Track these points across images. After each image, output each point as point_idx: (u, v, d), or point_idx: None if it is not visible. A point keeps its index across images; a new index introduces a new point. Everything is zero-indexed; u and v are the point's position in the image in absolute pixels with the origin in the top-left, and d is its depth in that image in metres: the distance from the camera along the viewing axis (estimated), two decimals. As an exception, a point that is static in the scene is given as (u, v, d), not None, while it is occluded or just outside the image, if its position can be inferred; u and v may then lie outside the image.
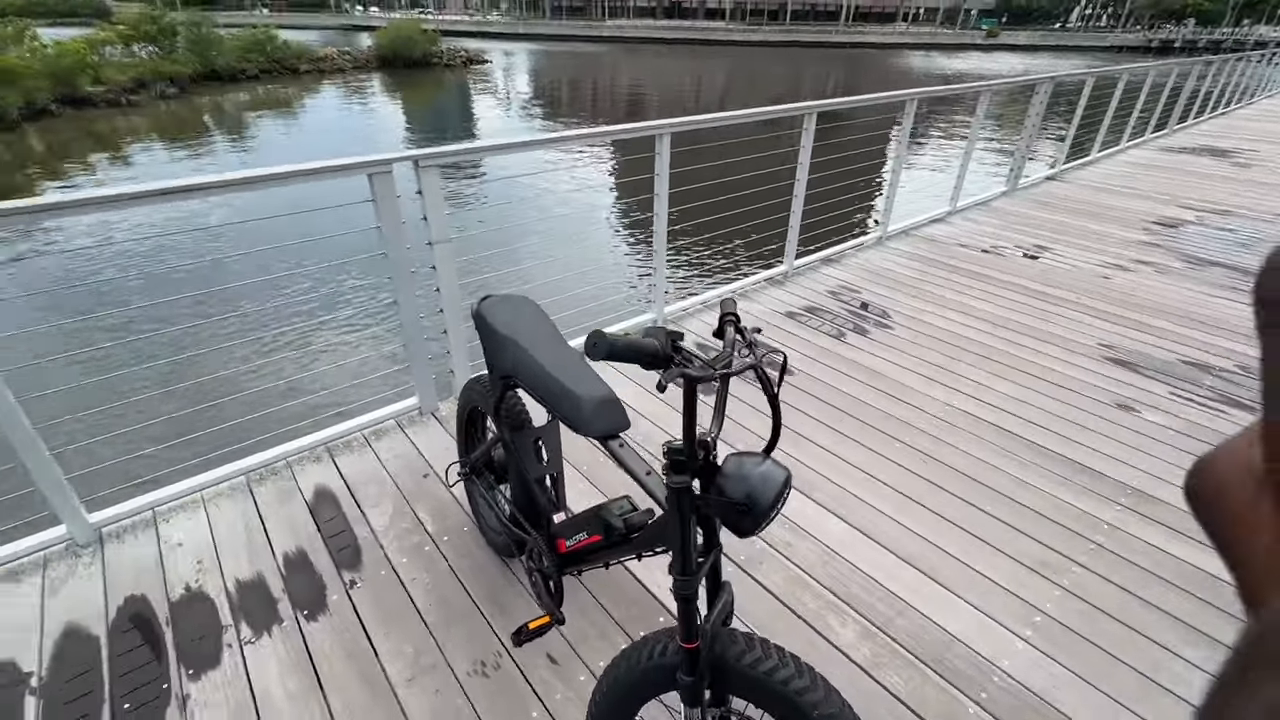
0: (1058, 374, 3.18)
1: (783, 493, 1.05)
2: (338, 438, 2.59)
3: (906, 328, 3.63)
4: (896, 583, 2.00)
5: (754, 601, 1.92)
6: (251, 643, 1.80)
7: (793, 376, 3.12)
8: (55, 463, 1.98)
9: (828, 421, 2.78)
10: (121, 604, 1.91)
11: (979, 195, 6.21)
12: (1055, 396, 2.99)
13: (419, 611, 1.90)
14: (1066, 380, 3.12)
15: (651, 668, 1.19)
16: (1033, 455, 2.59)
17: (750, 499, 1.03)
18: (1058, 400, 2.96)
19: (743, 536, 1.08)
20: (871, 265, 4.53)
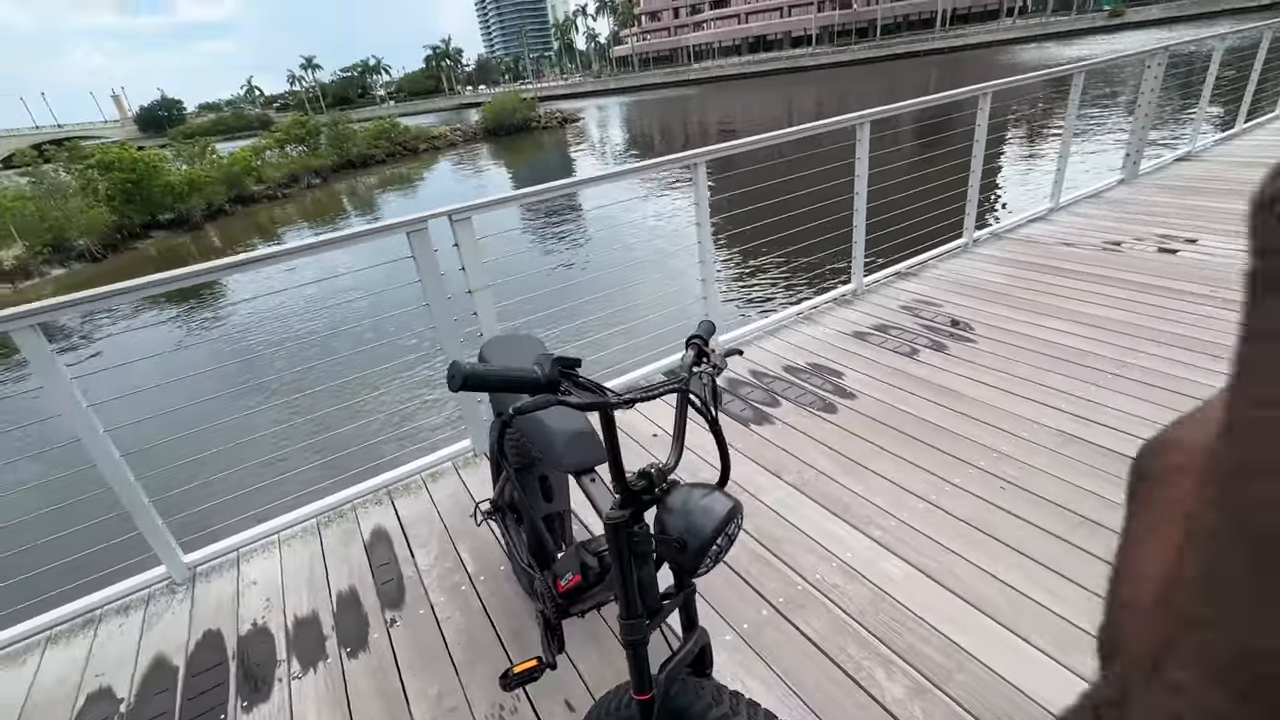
0: (1185, 382, 2.69)
1: (725, 528, 0.96)
2: (398, 480, 2.75)
3: (991, 340, 3.26)
4: (960, 631, 1.74)
5: (788, 650, 1.75)
6: (298, 678, 1.91)
7: (854, 401, 2.89)
8: (154, 510, 2.26)
9: (891, 448, 2.54)
10: (200, 638, 2.11)
11: (1087, 188, 5.54)
12: (1180, 409, 2.52)
13: (449, 649, 1.92)
14: (1196, 390, 2.63)
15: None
16: (1146, 479, 2.19)
17: (687, 534, 0.95)
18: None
19: (688, 576, 0.99)
20: (955, 275, 4.16)
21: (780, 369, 3.27)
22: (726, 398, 3.03)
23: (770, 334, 3.68)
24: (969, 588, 1.87)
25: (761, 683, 1.67)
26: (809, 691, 1.63)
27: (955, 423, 2.64)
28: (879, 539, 2.09)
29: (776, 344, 3.54)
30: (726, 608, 1.91)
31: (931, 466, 2.40)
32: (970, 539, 2.04)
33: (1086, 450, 2.37)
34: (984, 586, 1.87)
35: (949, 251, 4.52)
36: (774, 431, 2.75)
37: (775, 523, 2.22)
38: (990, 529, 2.07)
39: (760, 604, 1.91)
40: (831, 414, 2.82)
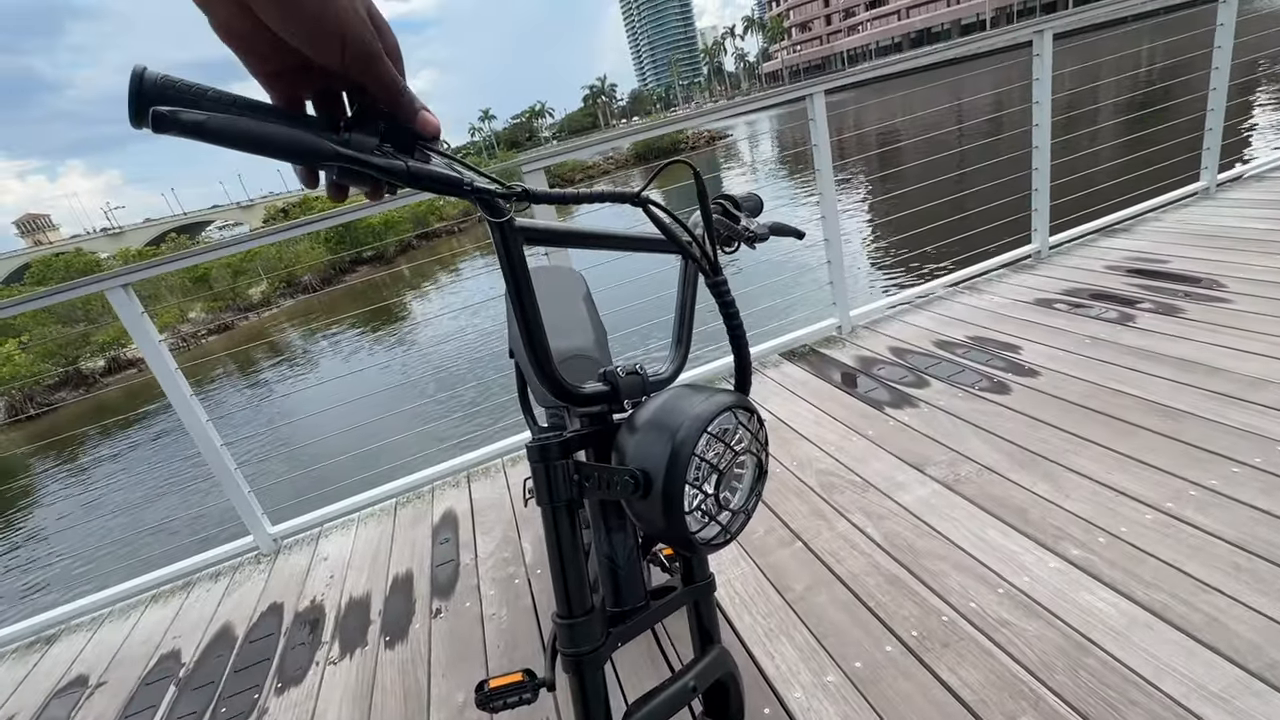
0: None
1: (700, 436, 0.50)
2: (478, 463, 2.55)
3: (1255, 297, 2.29)
4: (1231, 716, 1.04)
5: (922, 707, 1.18)
6: (334, 663, 1.72)
7: (1035, 379, 2.15)
8: (240, 477, 2.27)
9: (1095, 438, 1.79)
10: (266, 610, 2.03)
11: None
12: None
13: (485, 651, 1.61)
14: None
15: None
16: None
17: (645, 460, 0.52)
18: None
19: (682, 548, 0.55)
20: (1189, 226, 3.10)
21: (929, 344, 2.58)
22: (851, 376, 2.44)
23: (917, 308, 2.97)
24: (1253, 649, 1.14)
25: (877, 753, 1.12)
26: (953, 780, 1.05)
27: (1204, 404, 1.81)
28: (1078, 561, 1.41)
29: (924, 318, 2.84)
30: (829, 635, 1.37)
31: (1167, 464, 1.62)
32: (1247, 571, 1.29)
33: None
34: (1276, 645, 1.13)
35: (1179, 200, 3.42)
36: (916, 416, 2.11)
37: (913, 529, 1.62)
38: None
39: (883, 636, 1.35)
40: (1002, 394, 2.11)
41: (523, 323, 0.54)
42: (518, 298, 0.53)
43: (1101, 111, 8.74)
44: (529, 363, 0.56)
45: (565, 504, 0.58)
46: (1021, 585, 1.38)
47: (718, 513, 0.53)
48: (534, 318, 0.54)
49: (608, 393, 0.60)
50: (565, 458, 0.58)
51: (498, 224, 0.49)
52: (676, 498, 0.50)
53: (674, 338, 0.70)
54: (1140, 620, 1.24)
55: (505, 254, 0.51)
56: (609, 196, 0.51)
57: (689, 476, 0.50)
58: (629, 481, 0.51)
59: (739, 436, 0.54)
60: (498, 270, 0.56)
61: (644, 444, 0.53)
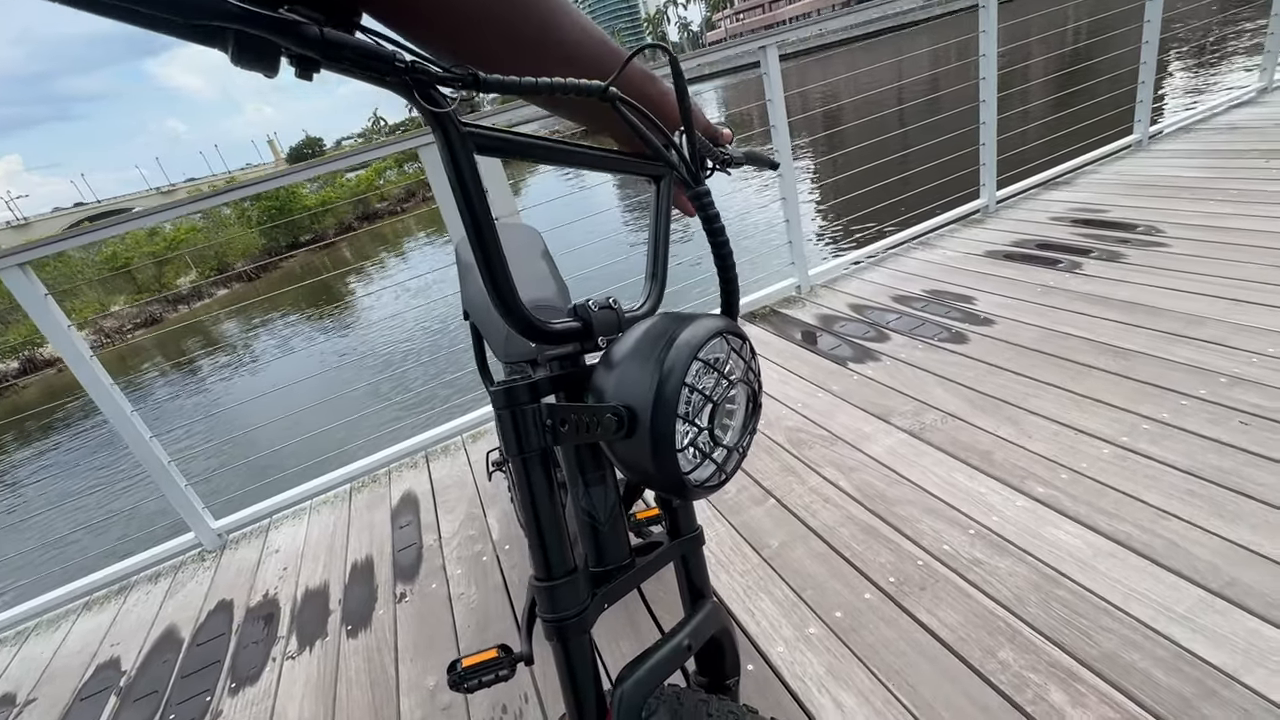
0: None
1: (690, 364, 0.45)
2: (437, 441, 2.44)
3: (1193, 240, 2.38)
4: (1203, 638, 1.07)
5: (903, 650, 1.18)
6: (292, 658, 1.62)
7: (991, 327, 2.18)
8: (176, 471, 2.10)
9: (1052, 379, 1.83)
10: (213, 609, 1.90)
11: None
12: None
13: (456, 635, 1.54)
14: None
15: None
16: None
17: (629, 393, 0.46)
18: None
19: (671, 493, 0.49)
20: (1125, 176, 3.20)
21: (888, 299, 2.59)
22: (813, 334, 2.43)
23: (874, 264, 2.99)
24: (1212, 569, 1.18)
25: (861, 698, 1.12)
26: (935, 715, 1.06)
27: (1153, 343, 1.87)
28: (1043, 497, 1.44)
29: (882, 274, 2.86)
30: (809, 586, 1.36)
31: (1120, 401, 1.67)
32: (1201, 496, 1.33)
33: (1390, 365, 1.53)
34: (1239, 567, 1.17)
35: (1115, 153, 3.53)
36: (880, 369, 2.12)
37: (884, 479, 1.63)
38: (1233, 482, 1.35)
39: (861, 585, 1.34)
40: (960, 344, 2.13)
41: (479, 250, 0.46)
42: (471, 217, 0.45)
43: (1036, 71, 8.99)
44: (491, 299, 0.48)
45: (538, 453, 0.51)
46: (991, 525, 1.40)
47: (712, 450, 0.48)
48: (492, 244, 0.46)
49: (579, 329, 0.54)
50: (535, 401, 0.51)
51: (438, 116, 0.41)
52: (667, 434, 0.44)
53: (648, 270, 0.63)
54: (1105, 550, 1.27)
55: (451, 160, 0.43)
56: (574, 88, 0.43)
57: (680, 410, 0.44)
58: (611, 420, 0.45)
59: (731, 365, 0.49)
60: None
61: (626, 377, 0.46)
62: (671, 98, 0.52)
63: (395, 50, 0.37)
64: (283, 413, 2.61)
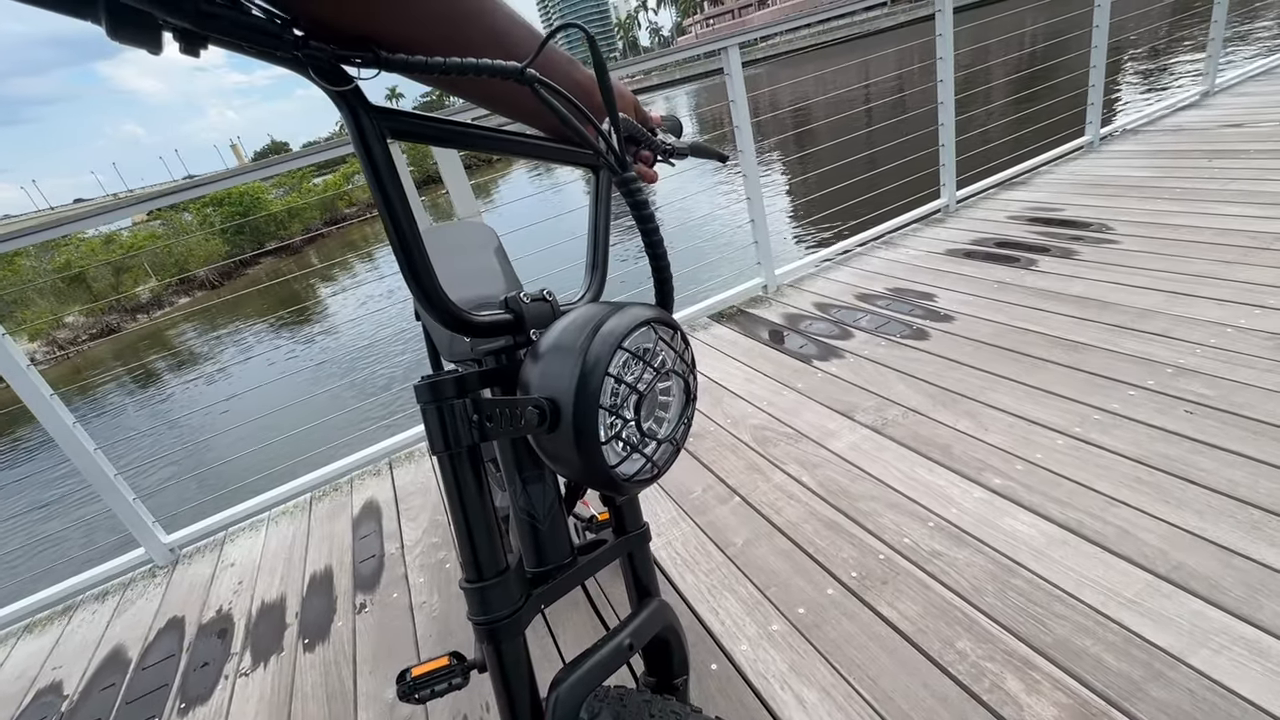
0: None
1: (613, 354, 0.44)
2: (400, 448, 2.39)
3: (1141, 237, 2.46)
4: (1151, 621, 1.10)
5: (865, 644, 1.18)
6: (246, 674, 1.56)
7: (951, 324, 2.22)
8: (123, 484, 2.02)
9: (1008, 373, 1.87)
10: (163, 627, 1.82)
11: (1249, 69, 4.39)
12: None
13: (417, 644, 1.50)
14: None
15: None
16: None
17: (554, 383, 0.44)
18: None
19: (607, 489, 0.48)
20: (1078, 177, 3.30)
21: (852, 298, 2.63)
22: (778, 333, 2.44)
23: (837, 264, 3.03)
24: (1159, 555, 1.21)
25: (823, 693, 1.12)
26: (896, 709, 1.06)
27: (1104, 336, 1.92)
28: (999, 489, 1.46)
29: (846, 273, 2.89)
30: (772, 584, 1.36)
31: (1072, 393, 1.71)
32: (1148, 484, 1.37)
33: (1322, 354, 1.59)
34: (1185, 552, 1.20)
35: (1068, 154, 3.64)
36: (843, 366, 2.13)
37: (846, 474, 1.64)
38: (1179, 469, 1.38)
39: (824, 580, 1.35)
40: (922, 340, 2.16)
41: (395, 240, 0.44)
42: (385, 205, 0.43)
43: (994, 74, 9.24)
44: (412, 292, 0.47)
45: (466, 450, 0.49)
46: (950, 517, 1.42)
47: (642, 444, 0.47)
48: (410, 233, 0.44)
49: (510, 321, 0.52)
50: (461, 396, 0.49)
51: (342, 95, 0.39)
52: (589, 426, 0.43)
53: (588, 260, 0.62)
54: (1058, 539, 1.30)
55: (361, 143, 0.41)
56: (487, 68, 0.42)
57: (604, 401, 0.43)
58: (534, 412, 0.44)
59: (661, 357, 0.48)
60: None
61: (550, 368, 0.45)
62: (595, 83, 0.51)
63: (284, 24, 0.35)
64: (241, 421, 2.54)
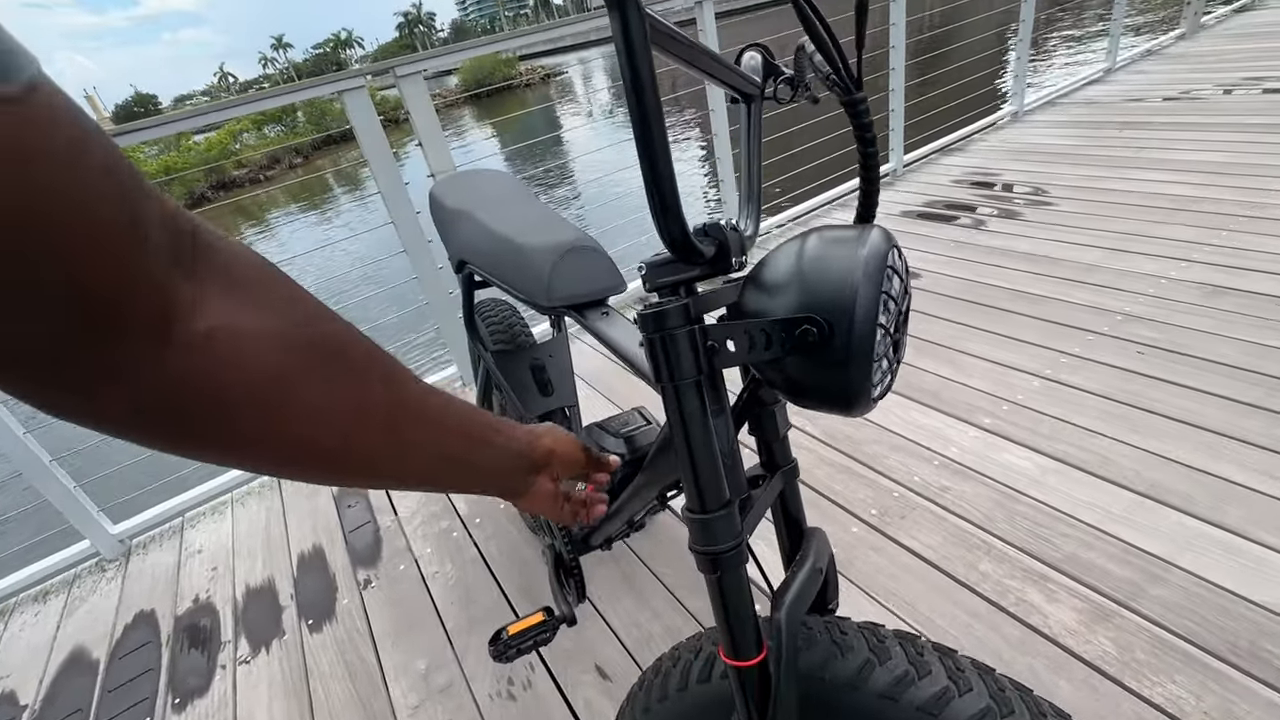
0: (1341, 214, 2.13)
1: (885, 274, 0.44)
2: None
3: (1076, 200, 2.69)
4: (1140, 532, 1.24)
5: (897, 573, 1.27)
6: (246, 662, 1.46)
7: (919, 280, 2.35)
8: (60, 470, 1.79)
9: (979, 324, 2.01)
10: (130, 622, 1.66)
11: (1144, 46, 4.84)
12: (1347, 242, 1.98)
13: (438, 613, 1.46)
14: (1360, 219, 2.07)
15: (687, 706, 0.62)
16: (1335, 324, 1.66)
17: (823, 301, 0.44)
18: (1354, 246, 1.95)
19: (847, 409, 0.48)
20: (1010, 144, 3.55)
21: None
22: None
23: (801, 225, 3.12)
24: (1137, 476, 1.36)
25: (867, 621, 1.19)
26: (936, 627, 1.15)
27: (1058, 289, 2.10)
28: (990, 427, 1.59)
29: (811, 234, 2.98)
30: (801, 528, 1.42)
31: (1039, 339, 1.87)
32: (1117, 416, 1.53)
33: (1245, 300, 1.83)
34: (1158, 472, 1.36)
35: (997, 122, 3.89)
36: (826, 322, 2.22)
37: (847, 422, 1.72)
38: (1142, 401, 1.56)
39: (846, 520, 1.42)
40: (894, 296, 2.28)
41: (650, 155, 0.39)
42: (641, 118, 0.39)
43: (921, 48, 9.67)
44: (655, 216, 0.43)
45: (694, 381, 0.47)
46: (951, 455, 1.53)
47: (893, 359, 0.48)
48: (663, 150, 0.41)
49: (715, 252, 0.50)
50: (689, 324, 0.47)
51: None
52: (869, 343, 0.43)
53: (743, 192, 0.61)
54: (1050, 468, 1.44)
55: (625, 39, 0.37)
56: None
57: (881, 319, 0.43)
58: (811, 332, 0.43)
59: (904, 271, 0.48)
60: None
61: (815, 288, 0.44)
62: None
63: None
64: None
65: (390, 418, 0.39)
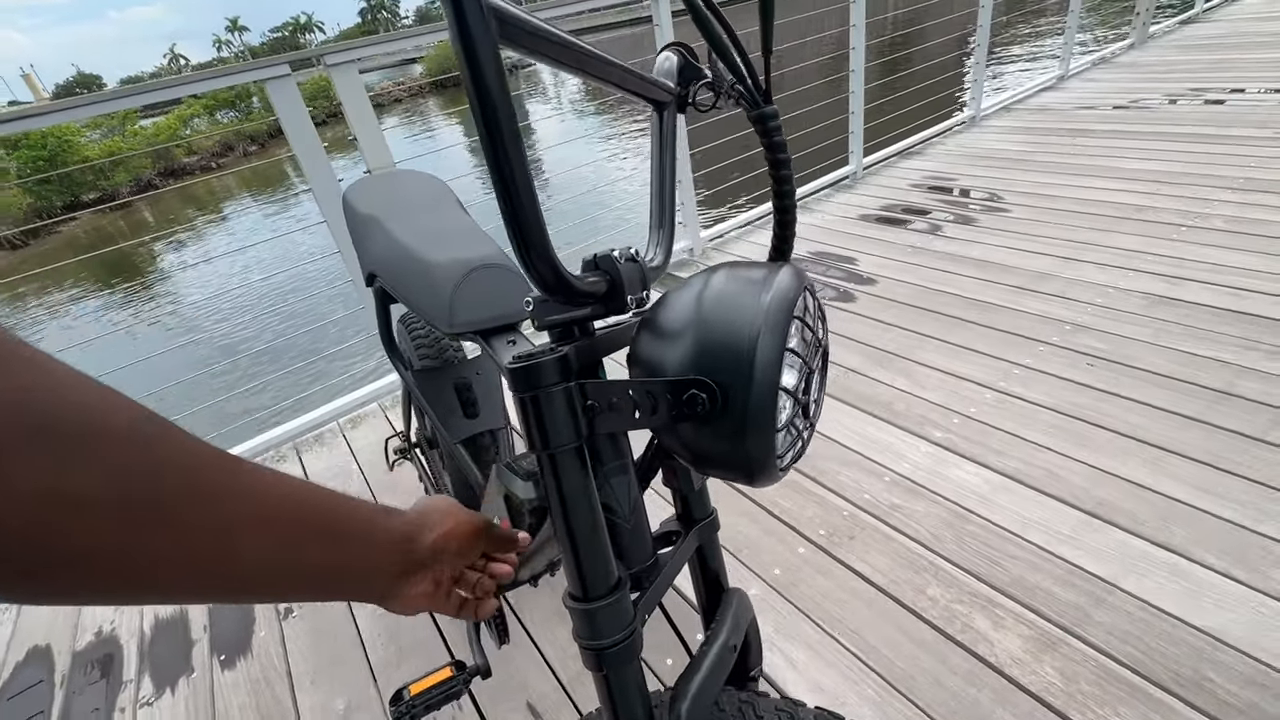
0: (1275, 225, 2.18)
1: (790, 323, 0.37)
2: (308, 430, 2.13)
3: (1028, 206, 2.71)
4: (1086, 553, 1.22)
5: (842, 598, 1.22)
6: (149, 704, 1.33)
7: (875, 286, 2.33)
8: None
9: (933, 332, 1.99)
10: (21, 659, 1.51)
11: (1093, 55, 4.95)
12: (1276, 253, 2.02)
13: (364, 646, 1.36)
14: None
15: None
16: (1266, 333, 1.68)
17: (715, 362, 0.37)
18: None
19: (750, 481, 0.41)
20: (966, 149, 3.57)
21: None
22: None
23: (759, 227, 3.07)
24: (1084, 493, 1.35)
25: (811, 651, 1.14)
26: (881, 657, 1.11)
27: (1008, 297, 2.09)
28: (941, 441, 1.56)
29: (765, 236, 2.91)
30: (744, 547, 1.37)
31: (991, 349, 1.86)
32: (1067, 431, 1.52)
33: (1185, 311, 1.84)
34: (1105, 489, 1.34)
35: (954, 127, 3.92)
36: (781, 329, 2.17)
37: (799, 435, 1.67)
38: (1090, 415, 1.55)
39: (794, 540, 1.37)
40: (849, 303, 2.25)
41: (504, 179, 0.33)
42: (487, 124, 0.31)
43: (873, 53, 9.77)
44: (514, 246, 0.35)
45: (575, 447, 0.40)
46: (903, 471, 1.49)
47: (803, 423, 0.41)
48: (522, 173, 0.33)
49: (605, 289, 0.43)
50: (565, 380, 0.39)
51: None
52: (769, 412, 0.36)
53: (653, 215, 0.53)
54: (999, 485, 1.41)
55: (462, 39, 0.29)
56: None
57: (785, 382, 0.36)
58: (699, 398, 0.36)
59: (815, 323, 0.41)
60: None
61: (708, 344, 0.37)
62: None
63: None
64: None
65: (161, 498, 0.29)
